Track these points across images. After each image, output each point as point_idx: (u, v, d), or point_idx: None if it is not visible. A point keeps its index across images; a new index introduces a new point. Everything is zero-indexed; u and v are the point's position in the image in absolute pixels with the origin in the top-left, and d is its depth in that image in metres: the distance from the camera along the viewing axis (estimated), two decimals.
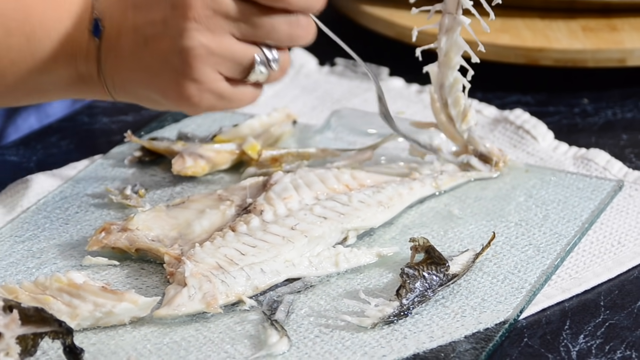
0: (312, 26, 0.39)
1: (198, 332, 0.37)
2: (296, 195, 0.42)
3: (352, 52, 0.42)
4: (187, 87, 0.37)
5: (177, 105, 0.39)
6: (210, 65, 0.37)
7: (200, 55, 0.37)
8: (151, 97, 0.39)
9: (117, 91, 0.39)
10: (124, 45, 0.38)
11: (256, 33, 0.37)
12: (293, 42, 0.38)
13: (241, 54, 0.38)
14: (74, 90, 0.40)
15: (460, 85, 0.44)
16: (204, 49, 0.37)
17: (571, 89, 0.54)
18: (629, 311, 0.39)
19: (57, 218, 0.43)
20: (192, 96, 0.38)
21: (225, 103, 0.38)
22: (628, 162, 0.48)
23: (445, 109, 0.44)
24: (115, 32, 0.38)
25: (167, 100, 0.39)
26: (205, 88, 0.38)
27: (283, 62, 0.39)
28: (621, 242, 0.42)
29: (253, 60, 0.38)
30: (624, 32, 0.55)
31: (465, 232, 0.42)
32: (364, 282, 0.40)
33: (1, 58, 0.38)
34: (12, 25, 0.38)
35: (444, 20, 0.43)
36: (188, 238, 0.41)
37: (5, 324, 0.34)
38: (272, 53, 0.38)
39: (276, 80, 0.39)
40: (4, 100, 0.40)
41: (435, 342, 0.37)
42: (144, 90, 0.39)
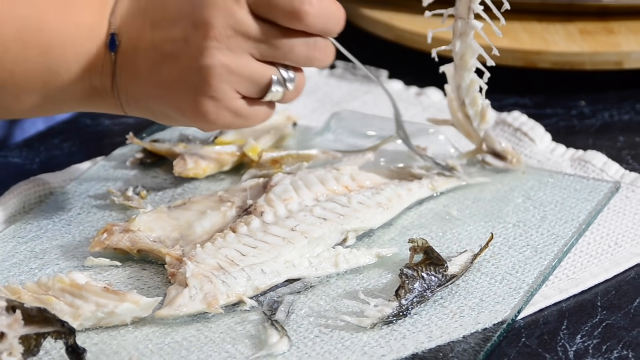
0: (330, 49, 0.39)
1: (199, 332, 0.38)
2: (296, 196, 0.43)
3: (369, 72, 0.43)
4: (205, 104, 0.38)
5: (193, 121, 0.39)
6: (228, 83, 0.38)
7: (220, 74, 0.37)
8: (165, 112, 0.39)
9: (130, 105, 0.40)
10: (141, 61, 0.38)
11: (275, 54, 0.38)
12: (311, 63, 0.39)
13: (259, 73, 0.38)
14: (87, 103, 0.40)
15: (477, 86, 0.44)
16: (223, 67, 0.37)
17: (569, 92, 0.55)
18: (626, 311, 0.39)
19: (60, 219, 0.44)
20: (209, 113, 0.38)
21: (240, 121, 0.39)
22: (625, 163, 0.48)
23: (463, 108, 0.44)
24: (131, 48, 0.38)
25: (183, 116, 0.39)
26: (223, 106, 0.38)
27: (298, 82, 0.39)
28: (618, 243, 0.43)
29: (270, 80, 0.38)
30: (620, 35, 0.55)
31: (463, 233, 0.43)
32: (363, 282, 0.40)
33: (17, 69, 0.38)
34: (28, 36, 0.38)
35: (457, 25, 0.43)
36: (189, 239, 0.41)
37: (9, 324, 0.34)
38: (289, 73, 0.39)
39: (290, 100, 0.40)
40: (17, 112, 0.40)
41: (433, 342, 0.37)
42: (158, 105, 0.39)
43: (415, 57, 0.49)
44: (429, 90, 0.53)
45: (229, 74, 0.38)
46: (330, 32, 0.39)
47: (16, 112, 0.40)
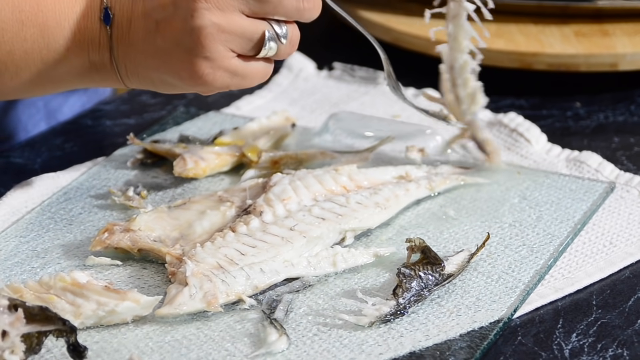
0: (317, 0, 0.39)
1: (199, 330, 0.38)
2: (295, 196, 0.43)
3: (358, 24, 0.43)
4: (200, 66, 0.38)
5: (191, 84, 0.39)
6: (221, 42, 0.38)
7: (212, 34, 0.37)
8: (164, 79, 0.39)
9: (129, 77, 0.40)
10: (135, 31, 0.38)
11: (264, 8, 0.38)
12: (300, 15, 0.39)
13: (251, 30, 0.38)
14: (86, 80, 0.40)
15: (469, 67, 0.44)
16: (214, 27, 0.37)
17: (564, 93, 0.55)
18: (621, 310, 0.40)
19: (61, 219, 0.44)
20: (206, 74, 0.38)
21: (238, 80, 0.39)
22: (619, 164, 0.49)
23: (455, 89, 0.45)
24: (125, 19, 0.39)
25: (181, 81, 0.39)
26: (218, 65, 0.38)
27: (292, 36, 0.39)
28: (613, 242, 0.43)
29: (263, 36, 0.38)
30: (615, 37, 0.55)
31: (460, 232, 0.43)
32: (361, 281, 0.40)
33: (16, 49, 0.38)
34: (25, 16, 0.38)
35: (449, 7, 0.43)
36: (189, 238, 0.42)
37: (11, 323, 0.34)
38: (282, 28, 0.39)
39: (287, 54, 0.40)
40: (17, 91, 0.40)
41: (431, 341, 0.37)
42: (157, 73, 0.39)
43: (413, 59, 0.50)
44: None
45: (220, 33, 0.37)
46: None
47: (17, 92, 0.40)
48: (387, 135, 0.48)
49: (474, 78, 0.44)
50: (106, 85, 0.41)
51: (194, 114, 0.52)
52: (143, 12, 0.38)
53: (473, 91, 0.44)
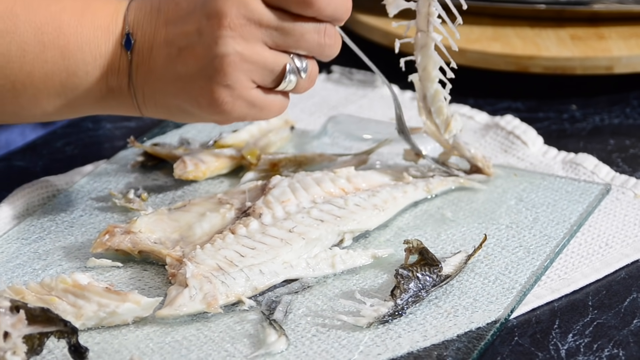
0: (338, 36, 0.40)
1: (199, 331, 0.38)
2: (294, 198, 0.43)
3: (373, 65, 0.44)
4: (220, 94, 0.38)
5: (209, 112, 0.39)
6: (243, 72, 0.38)
7: (234, 62, 0.38)
8: (182, 107, 0.40)
9: (146, 105, 0.40)
10: (156, 58, 0.39)
11: (287, 41, 0.38)
12: (322, 51, 0.39)
13: (273, 61, 0.39)
14: (104, 105, 0.41)
15: (442, 96, 0.45)
16: (237, 56, 0.38)
17: (560, 96, 0.55)
18: (616, 311, 0.40)
19: (63, 221, 0.44)
20: (225, 103, 0.38)
21: (256, 111, 0.39)
22: (615, 166, 0.49)
23: (430, 117, 0.45)
24: (147, 46, 0.39)
25: (200, 108, 0.39)
26: (238, 95, 0.38)
27: (311, 71, 0.40)
28: (609, 243, 0.43)
29: (284, 68, 0.39)
30: (611, 41, 0.56)
31: (457, 234, 0.43)
32: (359, 282, 0.41)
33: (36, 71, 0.39)
34: (47, 38, 0.39)
35: (417, 37, 0.44)
36: (189, 240, 0.42)
37: (13, 324, 0.35)
38: (302, 62, 0.39)
39: (305, 89, 0.40)
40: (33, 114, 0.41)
41: (428, 341, 0.37)
42: (175, 100, 0.39)
43: (411, 62, 0.50)
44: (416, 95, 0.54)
45: (243, 62, 0.38)
46: (339, 18, 0.40)
47: (34, 115, 0.41)
48: (385, 138, 0.48)
49: (446, 106, 0.45)
50: (122, 112, 0.41)
51: None
52: (165, 39, 0.38)
53: (447, 119, 0.45)
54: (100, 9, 0.39)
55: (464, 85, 0.46)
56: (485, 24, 0.58)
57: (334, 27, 0.40)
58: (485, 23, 0.58)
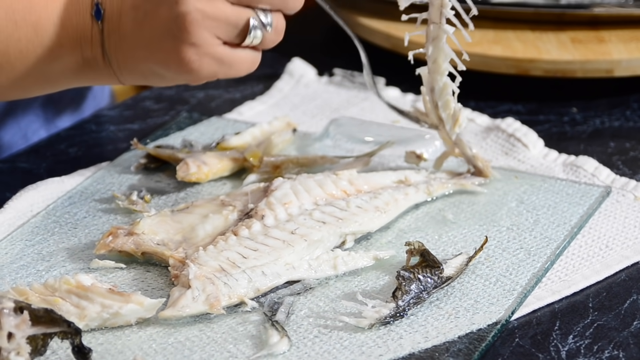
0: None
1: (202, 332, 0.38)
2: (296, 200, 0.43)
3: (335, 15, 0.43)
4: (187, 53, 0.38)
5: (179, 72, 0.39)
6: (207, 29, 0.38)
7: (197, 20, 0.38)
8: (154, 70, 0.40)
9: (122, 72, 0.40)
10: (125, 25, 0.39)
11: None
12: (284, 4, 0.39)
13: (236, 16, 0.38)
14: (82, 77, 0.41)
15: (450, 89, 0.45)
16: (199, 13, 0.38)
17: (561, 99, 0.56)
18: (617, 312, 0.40)
19: (66, 222, 0.45)
20: (192, 61, 0.38)
21: (225, 68, 0.39)
22: (615, 169, 0.49)
23: (436, 110, 0.45)
24: (116, 14, 0.39)
25: (169, 70, 0.39)
26: (204, 52, 0.38)
27: (277, 25, 0.40)
28: (609, 245, 0.44)
29: (248, 23, 0.39)
30: (611, 44, 0.56)
31: (458, 236, 0.44)
32: (361, 284, 0.41)
33: (11, 49, 0.39)
34: (19, 16, 0.39)
35: (429, 29, 0.44)
36: (192, 242, 0.42)
37: (16, 325, 0.35)
38: (267, 16, 0.39)
39: (273, 43, 0.40)
40: (14, 91, 0.41)
41: (430, 342, 0.38)
42: (146, 64, 0.39)
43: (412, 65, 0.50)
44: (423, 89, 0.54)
45: (205, 19, 0.38)
46: None
47: (15, 92, 0.41)
48: (386, 140, 0.48)
49: (454, 100, 0.45)
50: (102, 82, 0.41)
51: (196, 119, 0.53)
52: (132, 4, 0.39)
53: (454, 113, 0.45)
54: None
55: (465, 88, 0.46)
56: (486, 27, 0.58)
57: None
58: (486, 26, 0.58)
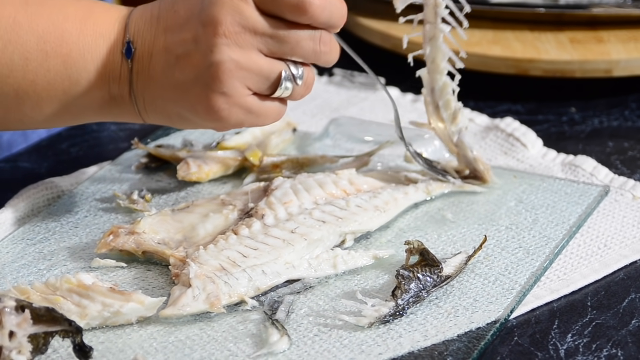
0: (335, 43, 0.40)
1: (202, 331, 0.38)
2: (296, 200, 0.43)
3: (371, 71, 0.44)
4: (216, 101, 0.39)
5: (206, 119, 0.40)
6: (239, 79, 0.38)
7: (230, 70, 0.38)
8: (181, 114, 0.40)
9: (147, 111, 0.41)
10: (155, 66, 0.39)
11: (282, 48, 0.39)
12: (318, 58, 0.40)
13: (268, 68, 0.39)
14: (106, 113, 0.41)
15: (450, 88, 0.45)
16: (233, 63, 0.38)
17: (559, 99, 0.56)
18: (615, 311, 0.40)
19: (67, 222, 0.45)
20: (221, 110, 0.39)
21: (252, 118, 0.40)
22: (614, 168, 0.50)
23: (437, 111, 0.45)
24: (147, 54, 0.39)
25: (197, 115, 0.39)
26: (234, 102, 0.39)
27: (307, 78, 0.40)
28: (607, 244, 0.44)
29: (280, 75, 0.39)
30: (610, 44, 0.56)
31: (457, 235, 0.44)
32: (361, 283, 0.41)
33: (39, 79, 0.39)
34: (50, 47, 0.39)
35: (426, 29, 0.44)
36: (192, 241, 0.42)
37: (18, 323, 0.35)
38: (298, 69, 0.40)
39: (301, 96, 0.40)
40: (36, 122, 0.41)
41: (429, 341, 0.38)
42: (174, 107, 0.40)
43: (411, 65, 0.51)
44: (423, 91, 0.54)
45: (238, 70, 0.38)
46: (335, 25, 0.40)
47: (37, 122, 0.41)
48: (386, 140, 0.49)
49: (454, 99, 0.45)
50: (126, 119, 0.41)
51: None
52: (164, 46, 0.39)
53: (454, 112, 0.45)
54: (102, 17, 0.40)
55: (465, 88, 0.47)
56: (485, 27, 0.58)
57: (330, 33, 0.40)
58: (485, 26, 0.58)
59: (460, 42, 0.44)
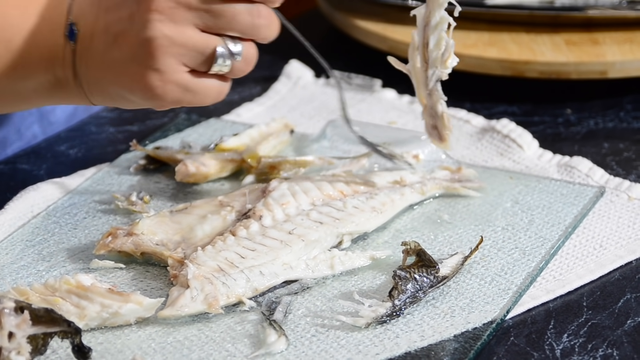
0: (274, 18, 0.39)
1: (200, 331, 0.39)
2: (293, 201, 0.44)
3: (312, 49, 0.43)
4: (151, 78, 0.38)
5: (143, 97, 0.39)
6: (173, 55, 0.37)
7: (163, 46, 0.37)
8: (121, 94, 0.39)
9: (93, 93, 0.40)
10: (96, 47, 0.38)
11: (218, 23, 0.38)
12: (255, 32, 0.38)
13: (203, 44, 0.38)
14: (54, 96, 0.40)
15: (445, 24, 0.43)
16: (166, 39, 0.37)
17: (555, 100, 0.56)
18: (610, 311, 0.40)
19: (66, 223, 0.45)
20: (156, 87, 0.38)
21: (190, 96, 0.38)
22: (609, 169, 0.50)
23: (424, 50, 0.43)
24: (88, 35, 0.39)
25: (134, 94, 0.39)
26: (168, 79, 0.38)
27: (247, 54, 0.39)
28: (603, 245, 0.44)
29: (215, 51, 0.38)
30: (605, 46, 0.56)
31: (454, 236, 0.44)
32: (358, 283, 0.41)
33: None
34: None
35: None
36: (191, 242, 0.42)
37: (17, 324, 0.35)
38: (235, 45, 0.38)
39: (242, 73, 0.39)
40: None
41: (425, 341, 0.38)
42: (114, 88, 0.39)
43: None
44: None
45: (172, 46, 0.37)
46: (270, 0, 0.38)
47: None
48: (383, 142, 0.49)
49: (447, 36, 0.43)
50: (74, 102, 0.40)
51: (195, 120, 0.53)
52: (104, 26, 0.38)
53: (445, 49, 0.43)
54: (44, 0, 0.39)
55: (461, 89, 0.47)
56: (481, 29, 0.58)
57: (268, 7, 0.38)
58: (481, 28, 0.58)
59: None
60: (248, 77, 0.46)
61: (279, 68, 0.58)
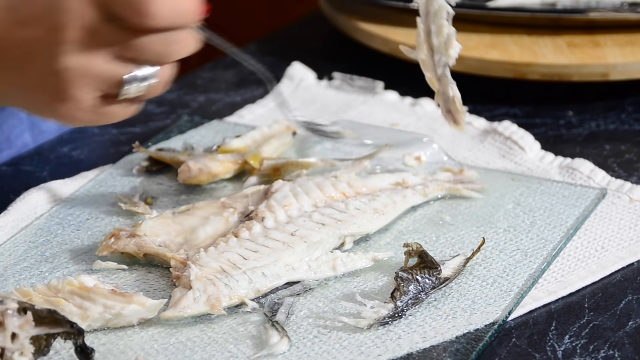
0: (189, 39, 0.38)
1: (203, 332, 0.39)
2: (296, 202, 0.44)
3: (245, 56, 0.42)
4: (61, 108, 0.38)
5: (53, 120, 0.39)
6: (82, 85, 0.38)
7: (73, 77, 0.37)
8: (27, 110, 0.40)
9: None
10: (7, 59, 0.38)
11: (130, 54, 0.37)
12: (169, 58, 0.38)
13: (112, 73, 0.38)
14: None
15: (444, 12, 0.43)
16: (76, 70, 0.37)
17: (557, 102, 0.56)
18: (612, 313, 0.41)
19: (69, 224, 0.45)
20: (66, 115, 0.38)
21: (100, 118, 0.39)
22: (611, 171, 0.50)
23: (428, 38, 0.44)
24: None
25: (42, 116, 0.39)
26: (79, 107, 0.38)
27: (163, 76, 0.39)
28: (604, 247, 0.44)
29: (122, 80, 0.38)
30: (606, 48, 0.57)
31: (456, 237, 0.44)
32: (360, 285, 0.41)
33: None
34: None
35: None
36: (193, 243, 0.43)
37: (20, 325, 0.35)
38: (143, 71, 0.38)
39: (154, 95, 0.39)
40: None
41: (427, 342, 0.38)
42: (22, 105, 0.39)
43: (410, 69, 0.51)
44: (423, 101, 0.55)
45: (81, 77, 0.37)
46: (183, 25, 0.37)
47: None
48: (384, 143, 0.49)
49: (448, 24, 0.43)
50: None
51: (197, 122, 0.53)
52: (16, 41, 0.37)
53: (447, 38, 0.43)
54: None
55: (463, 91, 0.47)
56: (483, 31, 0.58)
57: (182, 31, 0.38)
58: (483, 31, 0.59)
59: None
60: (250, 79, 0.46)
61: (281, 70, 0.58)
